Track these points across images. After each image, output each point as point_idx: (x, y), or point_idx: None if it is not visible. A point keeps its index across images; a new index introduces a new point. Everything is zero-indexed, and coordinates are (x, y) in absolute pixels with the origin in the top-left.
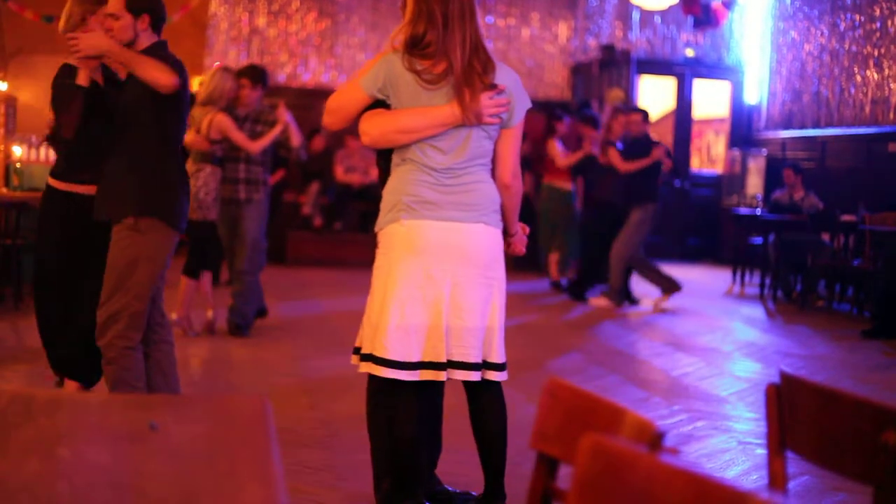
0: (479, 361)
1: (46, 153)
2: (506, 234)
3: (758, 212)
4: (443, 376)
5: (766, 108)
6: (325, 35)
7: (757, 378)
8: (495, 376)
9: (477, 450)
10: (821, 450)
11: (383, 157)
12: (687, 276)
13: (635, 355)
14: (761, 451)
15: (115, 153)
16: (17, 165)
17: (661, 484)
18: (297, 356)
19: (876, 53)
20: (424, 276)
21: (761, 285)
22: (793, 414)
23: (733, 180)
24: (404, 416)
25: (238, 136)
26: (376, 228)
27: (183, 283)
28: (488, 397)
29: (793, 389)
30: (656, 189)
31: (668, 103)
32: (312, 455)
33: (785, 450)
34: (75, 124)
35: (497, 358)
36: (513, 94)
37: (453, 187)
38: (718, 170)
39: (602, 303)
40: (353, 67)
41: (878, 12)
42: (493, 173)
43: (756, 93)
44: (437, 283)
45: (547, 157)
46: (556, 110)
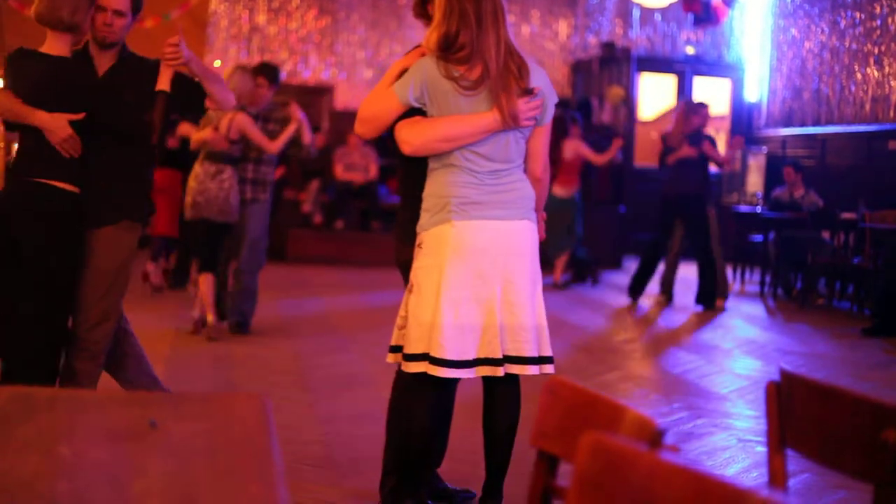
0: (536, 355)
1: None
2: None
3: (758, 209)
4: (500, 371)
5: (766, 105)
6: (326, 32)
7: (757, 376)
8: (548, 369)
9: (484, 445)
10: (821, 447)
11: (409, 160)
12: (687, 273)
13: (635, 353)
14: (761, 449)
15: (105, 155)
16: None
17: (662, 481)
18: (298, 354)
19: (876, 51)
20: (476, 275)
21: (761, 283)
22: (793, 411)
23: (733, 178)
24: (422, 413)
25: (258, 136)
26: (419, 229)
27: (206, 280)
28: (508, 393)
29: (793, 387)
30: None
31: (669, 101)
32: (312, 453)
33: (785, 447)
34: (160, 128)
35: (548, 351)
36: (545, 94)
37: (497, 187)
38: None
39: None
40: (353, 65)
41: (878, 10)
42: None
43: (756, 90)
44: (489, 281)
45: (563, 162)
46: (569, 111)
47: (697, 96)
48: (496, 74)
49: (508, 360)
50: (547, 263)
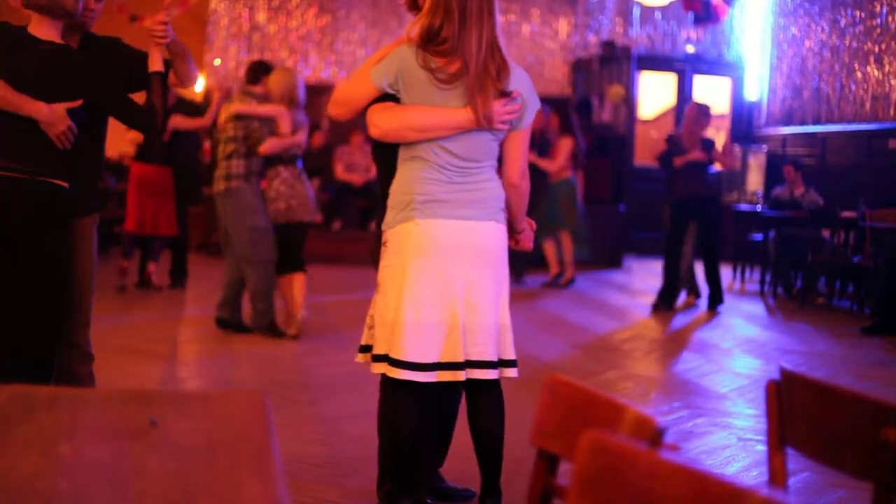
0: (496, 359)
1: None
2: (513, 232)
3: (758, 208)
4: (461, 376)
5: (766, 104)
6: (326, 31)
7: (757, 374)
8: (510, 373)
9: (474, 448)
10: (821, 446)
11: (382, 153)
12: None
13: (635, 351)
14: (761, 448)
15: (84, 144)
16: None
17: (662, 480)
18: (297, 353)
19: (876, 50)
20: (439, 276)
21: (761, 282)
22: (793, 410)
23: (733, 177)
24: (405, 414)
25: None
26: (384, 227)
27: (301, 280)
28: (489, 397)
29: (793, 386)
30: None
31: (669, 100)
32: (312, 451)
33: (785, 446)
34: (162, 112)
35: (510, 354)
36: (524, 98)
37: (464, 185)
38: (719, 166)
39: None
40: (353, 63)
41: (878, 8)
42: (500, 172)
43: (756, 89)
44: (452, 282)
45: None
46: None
47: (702, 98)
48: (474, 73)
49: (470, 364)
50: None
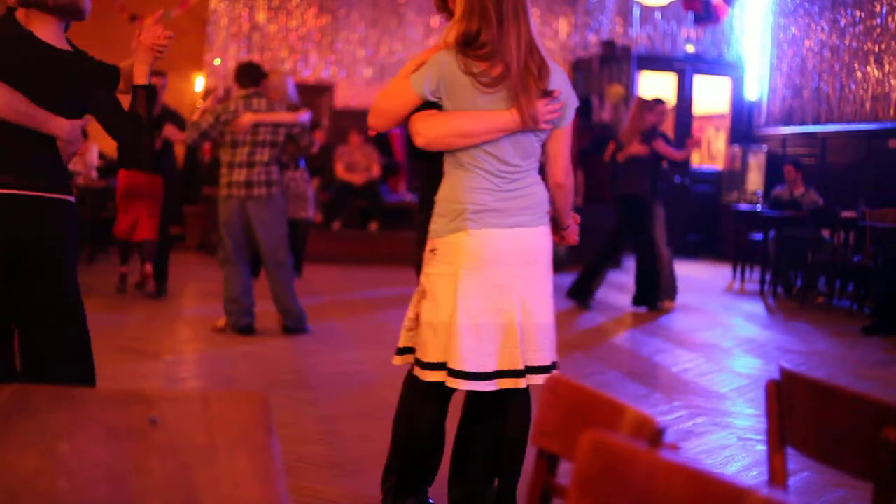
0: (550, 363)
1: None
2: (558, 228)
3: (758, 208)
4: (522, 383)
5: (766, 104)
6: (326, 31)
7: (757, 374)
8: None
9: (494, 453)
10: (821, 446)
11: (423, 160)
12: (687, 272)
13: (635, 351)
14: (761, 448)
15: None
16: None
17: (662, 480)
18: (297, 352)
19: (876, 49)
20: (494, 285)
21: (761, 281)
22: (793, 410)
23: (733, 176)
24: (427, 415)
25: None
26: (433, 235)
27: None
28: (522, 402)
29: (793, 386)
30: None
31: (669, 99)
32: (312, 451)
33: (785, 446)
34: (149, 125)
35: (556, 356)
36: (565, 96)
37: (513, 192)
38: (719, 166)
39: (672, 305)
40: (353, 63)
41: (878, 8)
42: (543, 172)
43: (756, 89)
44: (508, 291)
45: None
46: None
47: (652, 93)
48: (516, 74)
49: (530, 370)
50: None
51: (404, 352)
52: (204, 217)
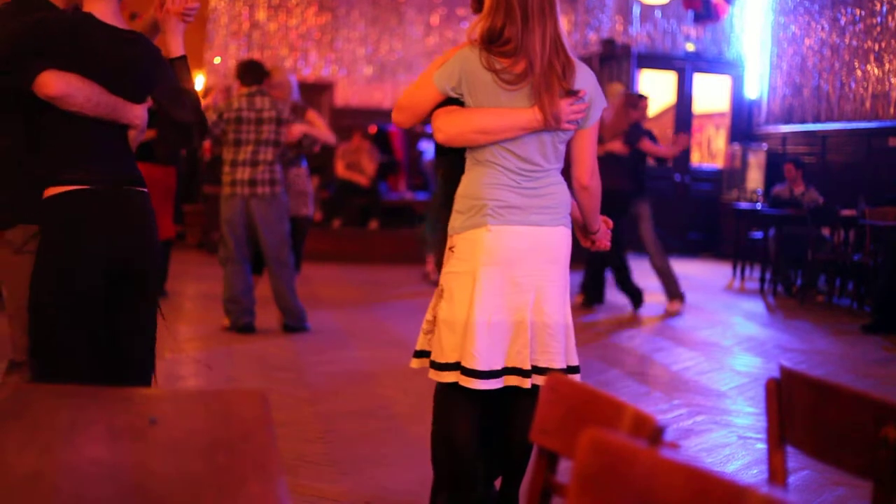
0: (565, 366)
1: None
2: (587, 232)
3: (758, 206)
4: (527, 383)
5: (766, 102)
6: (326, 29)
7: (757, 373)
8: (575, 378)
9: (497, 453)
10: (820, 444)
11: (445, 157)
12: (687, 270)
13: (635, 350)
14: (761, 446)
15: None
16: None
17: (661, 478)
18: (297, 351)
19: (876, 48)
20: (510, 283)
21: (761, 280)
22: (793, 408)
23: (733, 175)
24: (462, 423)
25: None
26: (451, 231)
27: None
28: (530, 403)
29: (793, 384)
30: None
31: (669, 98)
32: (312, 449)
33: (785, 444)
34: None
35: (575, 360)
36: (591, 96)
37: (534, 190)
38: (719, 164)
39: (677, 306)
40: (353, 61)
41: (878, 7)
42: (567, 173)
43: (756, 87)
44: (523, 289)
45: None
46: None
47: (638, 88)
48: (540, 72)
49: (536, 370)
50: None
51: (421, 355)
52: (204, 215)
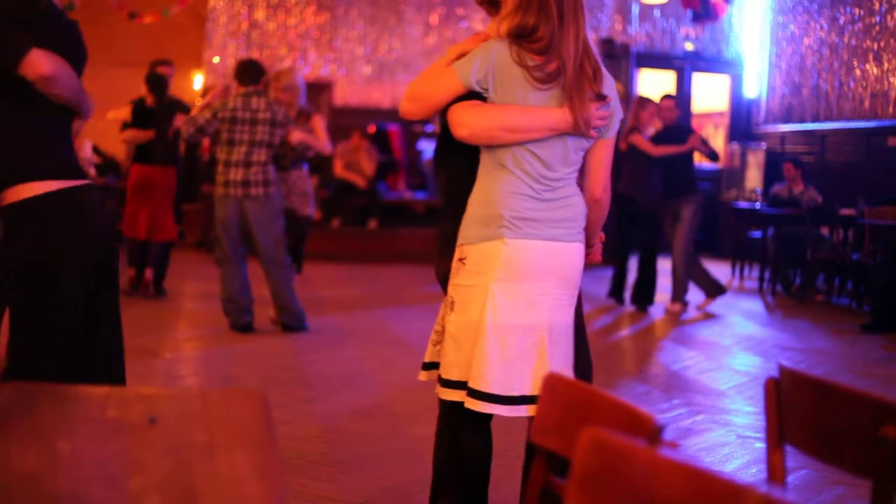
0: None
1: None
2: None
3: (757, 206)
4: None
5: (765, 101)
6: (325, 28)
7: (756, 372)
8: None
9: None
10: (820, 443)
11: (447, 157)
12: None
13: (634, 349)
14: (760, 445)
15: None
16: None
17: (661, 477)
18: (296, 350)
19: (875, 47)
20: (526, 301)
21: (760, 279)
22: (792, 408)
23: (732, 174)
24: (473, 442)
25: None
26: (463, 240)
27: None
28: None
29: (792, 383)
30: (696, 179)
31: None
32: (311, 448)
33: (784, 443)
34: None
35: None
36: (614, 104)
37: (553, 202)
38: (718, 164)
39: (678, 308)
40: (352, 61)
41: (877, 6)
42: (581, 185)
43: (755, 87)
44: (538, 308)
45: None
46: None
47: (652, 91)
48: (572, 73)
49: None
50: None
51: (430, 367)
52: (203, 215)
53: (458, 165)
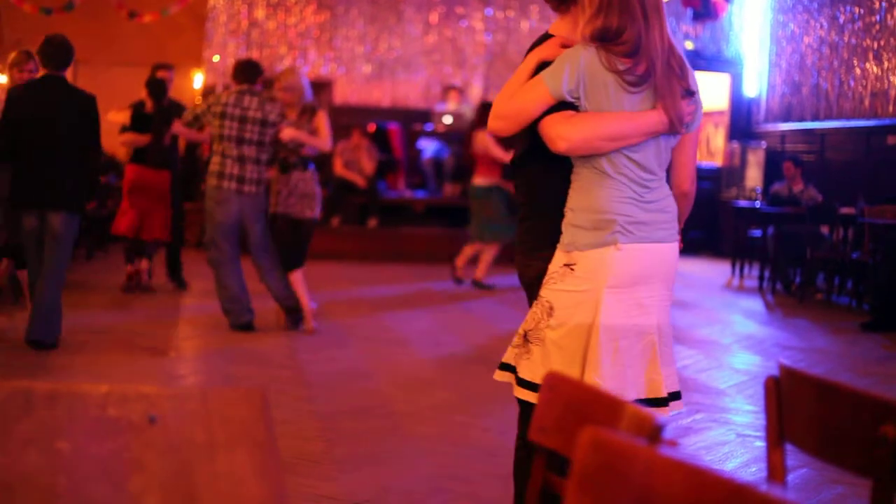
0: (678, 389)
1: None
2: None
3: (757, 204)
4: (667, 412)
5: (765, 100)
6: (324, 27)
7: (756, 371)
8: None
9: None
10: (819, 442)
11: (527, 165)
12: (686, 268)
13: None
14: (760, 444)
15: None
16: None
17: (660, 476)
18: (296, 349)
19: (875, 46)
20: (636, 305)
21: (760, 278)
22: (791, 406)
23: (732, 173)
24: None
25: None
26: (570, 247)
27: (298, 276)
28: None
29: (792, 382)
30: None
31: None
32: (311, 447)
33: (784, 442)
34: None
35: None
36: (698, 97)
37: (653, 203)
38: (718, 162)
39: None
40: (352, 60)
41: (877, 5)
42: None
43: (755, 85)
44: (648, 310)
45: (479, 155)
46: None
47: None
48: (661, 73)
49: (672, 397)
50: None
51: (507, 368)
52: (203, 214)
53: (536, 171)
